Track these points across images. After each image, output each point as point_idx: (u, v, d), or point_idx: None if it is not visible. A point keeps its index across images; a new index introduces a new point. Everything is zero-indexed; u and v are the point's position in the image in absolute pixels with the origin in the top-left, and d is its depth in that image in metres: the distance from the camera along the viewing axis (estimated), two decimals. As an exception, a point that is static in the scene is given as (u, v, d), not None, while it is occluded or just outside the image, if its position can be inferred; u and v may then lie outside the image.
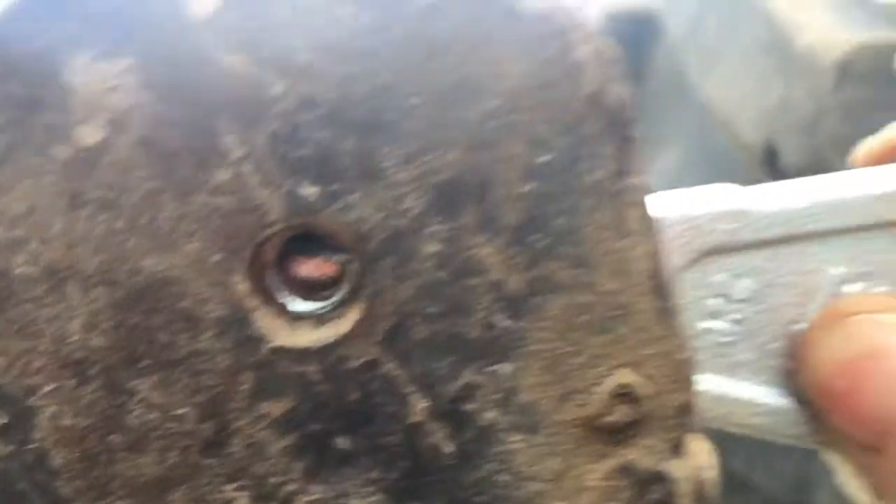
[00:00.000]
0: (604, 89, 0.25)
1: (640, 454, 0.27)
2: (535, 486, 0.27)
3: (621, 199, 0.26)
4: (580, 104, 0.25)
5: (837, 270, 0.30)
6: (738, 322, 0.30)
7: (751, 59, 0.80)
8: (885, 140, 0.35)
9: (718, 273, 0.29)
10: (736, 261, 0.29)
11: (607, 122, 0.25)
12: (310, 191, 0.25)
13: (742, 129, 0.80)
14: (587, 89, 0.25)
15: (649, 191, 0.26)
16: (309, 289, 0.27)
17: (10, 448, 0.25)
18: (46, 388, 0.25)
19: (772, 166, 0.77)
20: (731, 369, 0.30)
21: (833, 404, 0.29)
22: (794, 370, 0.30)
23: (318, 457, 0.26)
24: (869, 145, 0.35)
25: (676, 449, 0.27)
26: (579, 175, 0.25)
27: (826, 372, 0.29)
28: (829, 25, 0.78)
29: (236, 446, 0.26)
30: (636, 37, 1.09)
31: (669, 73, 0.97)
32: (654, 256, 0.26)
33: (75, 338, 0.25)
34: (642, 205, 0.26)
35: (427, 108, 0.25)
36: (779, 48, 0.76)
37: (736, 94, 0.81)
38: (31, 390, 0.25)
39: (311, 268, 0.28)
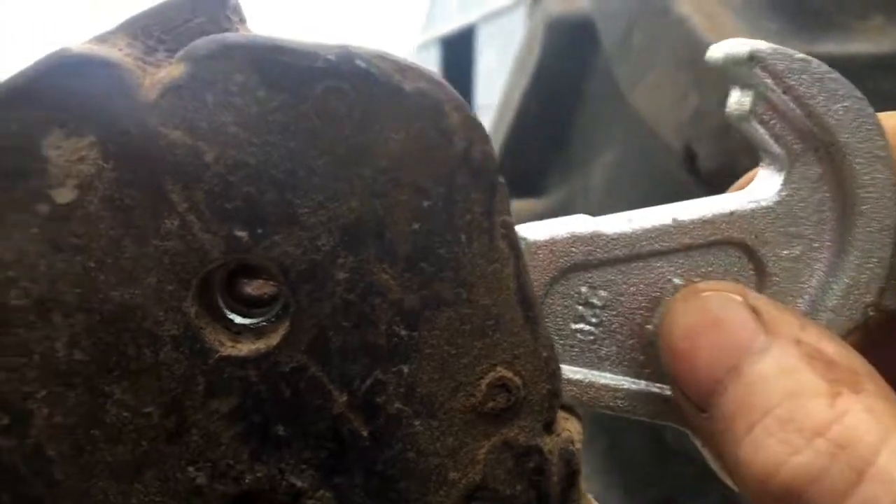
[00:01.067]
0: (471, 148, 0.32)
1: (517, 432, 0.34)
2: (435, 461, 0.34)
3: (490, 233, 0.33)
4: (452, 161, 0.32)
5: (677, 280, 0.37)
6: (599, 325, 0.37)
7: (671, 73, 0.87)
8: (748, 178, 0.42)
9: (581, 285, 0.36)
10: (593, 275, 0.36)
11: (474, 173, 0.32)
12: (241, 234, 0.31)
13: (665, 135, 0.87)
14: (457, 149, 0.32)
15: (513, 224, 0.33)
16: (251, 305, 0.34)
17: (12, 443, 0.32)
18: (39, 395, 0.31)
19: (691, 167, 0.85)
20: (597, 363, 0.37)
21: (676, 364, 0.35)
22: (652, 356, 0.37)
23: (261, 442, 0.33)
24: (740, 182, 0.42)
25: (548, 427, 0.34)
26: (455, 215, 0.32)
27: (675, 335, 0.35)
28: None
29: (194, 436, 0.32)
30: (577, 43, 1.16)
31: (605, 82, 1.04)
32: (519, 276, 0.33)
33: (60, 354, 0.31)
34: (508, 236, 0.33)
35: (330, 167, 0.31)
36: (695, 63, 0.84)
37: (659, 104, 0.88)
38: (27, 396, 0.31)
39: (254, 289, 0.35)
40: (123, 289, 0.31)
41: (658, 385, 0.37)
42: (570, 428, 0.35)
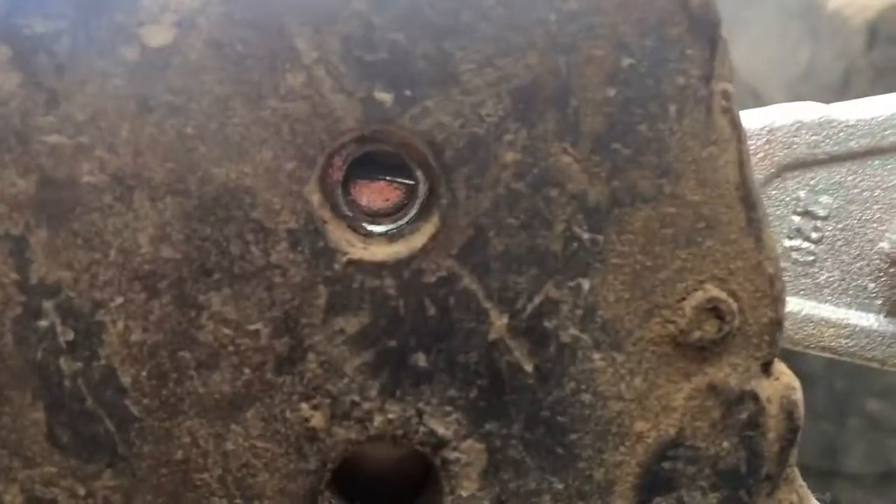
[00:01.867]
0: (689, -11, 0.24)
1: (727, 373, 0.26)
2: (617, 406, 0.26)
3: (707, 104, 0.25)
4: (665, 4, 0.24)
5: None
6: (819, 241, 0.29)
7: (777, 26, 0.79)
8: None
9: (799, 189, 0.29)
10: (817, 175, 0.29)
11: (693, 23, 0.24)
12: (384, 96, 0.24)
13: (770, 95, 0.79)
14: None
15: (734, 97, 0.25)
16: (372, 215, 0.26)
17: (78, 365, 0.24)
18: (115, 303, 0.24)
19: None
20: (816, 291, 0.29)
21: None
22: None
23: (395, 374, 0.25)
24: None
25: (766, 368, 0.26)
26: (664, 79, 0.24)
27: None
28: (858, -13, 0.77)
29: (311, 363, 0.25)
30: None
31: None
32: (742, 165, 0.25)
33: (144, 249, 0.24)
34: (730, 111, 0.25)
35: (504, 8, 0.24)
36: (807, 13, 0.76)
37: (762, 61, 0.80)
38: (99, 304, 0.24)
39: (373, 195, 0.27)
40: (229, 165, 0.24)
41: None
42: (785, 371, 0.27)
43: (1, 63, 0.23)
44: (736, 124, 0.25)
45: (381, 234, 0.26)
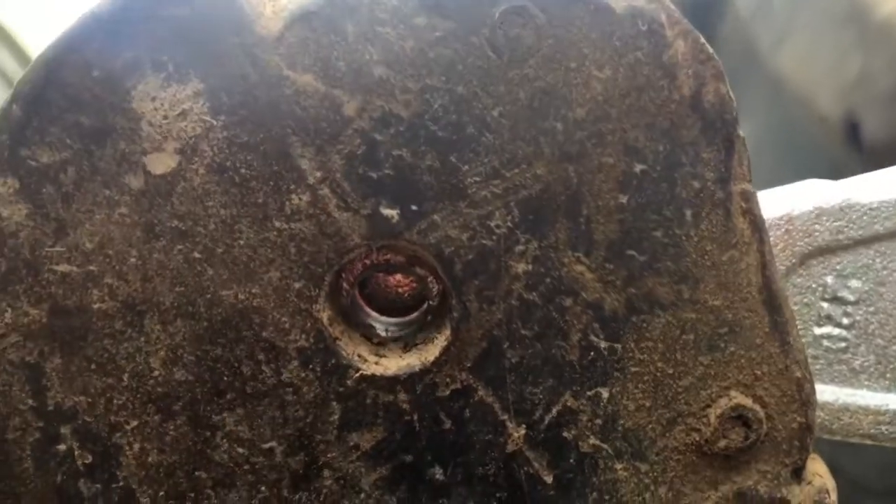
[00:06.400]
0: (702, 89, 0.23)
1: (756, 480, 0.25)
2: None
3: (725, 207, 0.24)
4: (676, 107, 0.23)
5: None
6: (851, 326, 0.28)
7: (825, 32, 0.76)
8: None
9: (825, 275, 0.27)
10: (843, 260, 0.27)
11: (707, 124, 0.23)
12: (390, 212, 0.23)
13: (820, 103, 0.76)
14: (683, 90, 0.23)
15: (756, 196, 0.24)
16: (390, 312, 0.26)
17: (97, 487, 0.24)
18: (130, 426, 0.24)
19: (853, 139, 0.73)
20: (850, 377, 0.28)
21: None
22: None
23: (413, 489, 0.25)
24: None
25: (796, 473, 0.25)
26: (678, 183, 0.24)
27: None
28: (910, -10, 0.73)
29: (327, 480, 0.25)
30: (702, 11, 1.05)
31: (738, 47, 0.93)
32: (765, 267, 0.24)
33: (157, 372, 0.24)
34: (749, 212, 0.24)
35: (509, 120, 0.23)
36: (856, 20, 0.72)
37: (811, 68, 0.77)
38: (115, 427, 0.24)
39: (389, 287, 0.26)
40: (237, 287, 0.24)
41: None
42: (820, 471, 0.26)
43: (8, 195, 0.23)
44: (757, 226, 0.24)
45: (395, 341, 0.25)
